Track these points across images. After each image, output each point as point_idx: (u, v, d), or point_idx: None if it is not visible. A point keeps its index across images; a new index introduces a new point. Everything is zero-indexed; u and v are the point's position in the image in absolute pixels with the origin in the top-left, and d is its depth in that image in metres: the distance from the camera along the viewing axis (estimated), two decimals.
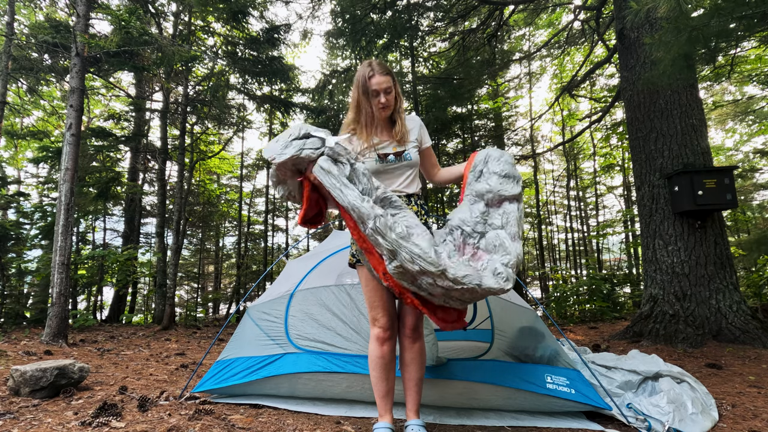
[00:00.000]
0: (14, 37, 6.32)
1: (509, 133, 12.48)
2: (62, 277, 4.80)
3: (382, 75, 1.91)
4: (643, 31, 4.85)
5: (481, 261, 1.60)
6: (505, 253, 1.60)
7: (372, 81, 1.90)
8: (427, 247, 1.52)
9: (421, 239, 1.55)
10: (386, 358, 1.87)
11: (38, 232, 8.25)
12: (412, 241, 1.53)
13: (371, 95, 1.91)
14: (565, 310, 8.44)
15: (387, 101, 1.93)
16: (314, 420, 2.18)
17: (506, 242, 1.61)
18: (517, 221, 1.66)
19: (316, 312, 2.74)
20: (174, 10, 8.61)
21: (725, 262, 4.41)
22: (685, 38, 3.36)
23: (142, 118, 10.66)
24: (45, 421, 2.05)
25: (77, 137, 5.05)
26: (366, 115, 1.94)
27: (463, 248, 1.67)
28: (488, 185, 1.75)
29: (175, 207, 8.58)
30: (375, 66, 1.92)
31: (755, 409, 2.40)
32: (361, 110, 1.94)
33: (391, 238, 1.54)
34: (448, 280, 1.52)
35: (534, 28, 11.08)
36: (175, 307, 8.45)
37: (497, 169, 1.78)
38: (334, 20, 8.19)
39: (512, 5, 7.62)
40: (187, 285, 13.68)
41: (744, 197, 10.78)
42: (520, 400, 2.27)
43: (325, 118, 9.02)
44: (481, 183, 1.78)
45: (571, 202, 14.67)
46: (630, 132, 5.19)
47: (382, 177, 1.97)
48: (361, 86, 1.92)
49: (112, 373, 3.33)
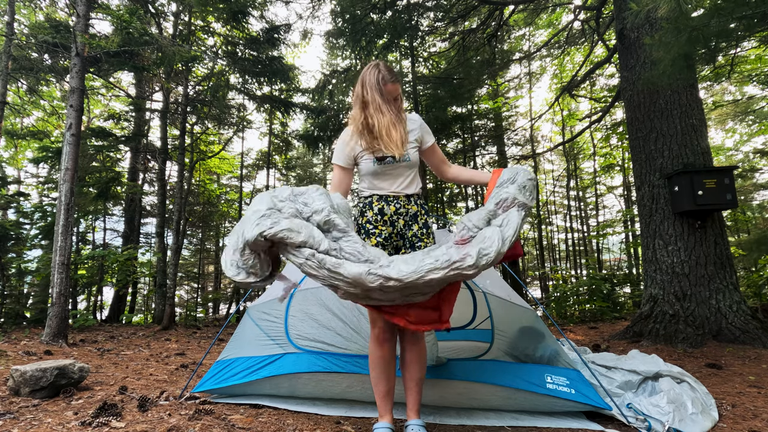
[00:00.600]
0: (14, 37, 6.32)
1: (509, 133, 12.48)
2: (62, 277, 4.80)
3: (394, 83, 1.93)
4: (643, 31, 4.85)
5: (464, 249, 1.62)
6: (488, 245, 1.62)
7: (387, 88, 1.91)
8: (356, 273, 1.54)
9: (350, 266, 1.56)
10: (386, 358, 1.87)
11: (38, 232, 8.26)
12: (341, 272, 1.55)
13: (387, 101, 1.92)
14: (565, 310, 8.44)
15: (395, 108, 1.95)
16: (314, 420, 2.18)
17: (495, 237, 1.64)
18: (515, 226, 1.68)
19: (316, 312, 2.74)
20: (174, 10, 8.61)
21: (725, 262, 4.41)
22: (685, 38, 3.37)
23: (142, 118, 10.66)
24: (45, 421, 2.05)
25: (77, 137, 5.05)
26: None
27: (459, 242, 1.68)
28: (507, 192, 1.80)
29: (175, 207, 8.58)
30: (386, 72, 1.92)
31: (755, 409, 2.40)
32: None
33: (324, 275, 1.58)
34: (393, 281, 1.54)
35: (534, 28, 11.08)
36: (175, 307, 8.45)
37: (520, 181, 1.84)
38: (334, 20, 8.19)
39: (512, 5, 7.62)
40: (187, 285, 13.69)
41: (744, 197, 10.78)
42: (520, 400, 2.27)
43: (325, 118, 9.02)
44: (502, 190, 1.83)
45: (571, 202, 14.68)
46: (630, 132, 5.19)
47: (381, 178, 1.97)
48: (377, 91, 1.90)
49: (112, 373, 3.33)
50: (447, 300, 1.78)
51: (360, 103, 1.94)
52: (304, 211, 1.64)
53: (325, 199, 1.67)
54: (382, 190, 1.98)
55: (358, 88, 1.95)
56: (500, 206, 1.77)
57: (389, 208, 1.95)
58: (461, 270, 1.57)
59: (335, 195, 1.78)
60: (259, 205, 1.62)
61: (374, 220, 1.94)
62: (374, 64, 1.95)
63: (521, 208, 1.76)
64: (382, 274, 1.54)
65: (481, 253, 1.60)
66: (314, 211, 1.63)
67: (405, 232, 1.96)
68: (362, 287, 1.56)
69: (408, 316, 1.70)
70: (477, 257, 1.58)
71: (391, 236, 1.95)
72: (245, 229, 1.57)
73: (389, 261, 1.60)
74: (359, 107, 1.94)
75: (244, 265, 1.58)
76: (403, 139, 1.92)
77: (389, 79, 1.91)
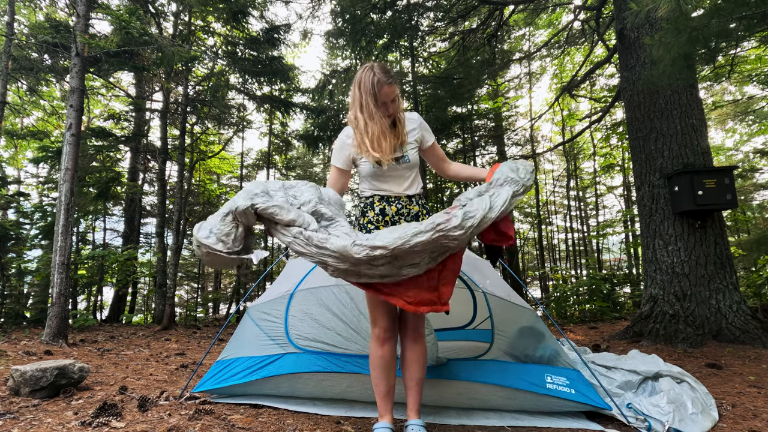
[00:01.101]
0: (14, 37, 6.32)
1: (509, 133, 12.48)
2: (62, 277, 4.80)
3: (390, 85, 1.86)
4: (643, 31, 4.85)
5: (450, 212, 1.64)
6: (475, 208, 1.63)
7: (382, 92, 1.85)
8: (341, 245, 1.55)
9: (335, 239, 1.58)
10: (387, 358, 1.87)
11: (38, 232, 8.26)
12: (328, 246, 1.56)
13: (381, 105, 1.87)
14: (565, 310, 8.44)
15: (392, 110, 1.91)
16: (314, 420, 2.18)
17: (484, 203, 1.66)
18: (505, 196, 1.71)
19: (316, 312, 2.74)
20: (174, 10, 8.62)
21: (725, 262, 4.41)
22: (685, 38, 3.37)
23: (142, 118, 10.66)
24: (45, 421, 2.05)
25: (77, 137, 5.05)
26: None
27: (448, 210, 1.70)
28: (500, 172, 1.83)
29: (175, 207, 8.58)
30: (383, 74, 1.86)
31: (755, 409, 2.40)
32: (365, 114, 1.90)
33: (312, 252, 1.60)
34: (380, 249, 1.54)
35: (534, 28, 11.08)
36: (175, 307, 8.45)
37: (513, 164, 1.86)
38: (334, 20, 8.20)
39: (512, 5, 7.62)
40: (187, 285, 13.68)
41: (744, 197, 10.78)
42: (520, 400, 2.27)
43: (325, 118, 9.02)
44: (496, 173, 1.85)
45: (571, 202, 14.68)
46: (630, 132, 5.19)
47: (381, 180, 1.96)
48: (371, 95, 1.85)
49: (112, 373, 3.33)
50: (446, 281, 1.76)
51: (356, 106, 1.91)
52: (294, 203, 1.68)
53: (313, 192, 1.71)
54: (383, 191, 1.98)
55: (354, 90, 1.92)
56: (493, 185, 1.80)
57: (391, 208, 1.95)
58: (446, 231, 1.57)
59: (327, 189, 1.82)
60: (253, 187, 1.67)
61: (375, 220, 1.94)
62: (369, 66, 1.89)
63: (512, 184, 1.78)
64: (368, 244, 1.54)
65: (467, 215, 1.61)
66: (302, 203, 1.67)
67: None
68: (350, 260, 1.56)
69: (406, 297, 1.68)
70: (462, 219, 1.59)
71: None
72: (237, 199, 1.61)
73: (375, 234, 1.62)
74: (354, 110, 1.92)
75: (218, 231, 1.59)
76: (393, 147, 1.90)
77: (385, 82, 1.85)
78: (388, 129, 1.89)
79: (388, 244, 1.53)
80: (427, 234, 1.56)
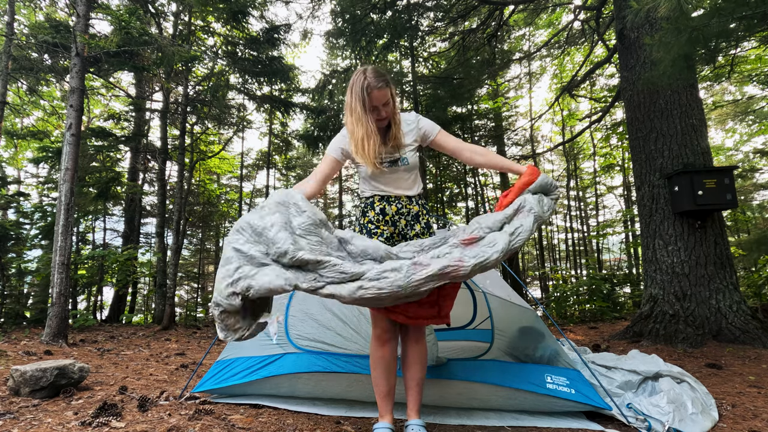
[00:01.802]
0: (14, 37, 6.32)
1: (509, 133, 12.49)
2: (62, 277, 4.80)
3: (381, 89, 1.81)
4: (643, 31, 4.85)
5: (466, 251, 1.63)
6: (488, 255, 1.62)
7: (371, 96, 1.81)
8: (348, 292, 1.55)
9: (338, 287, 1.56)
10: (387, 358, 1.87)
11: (38, 232, 8.26)
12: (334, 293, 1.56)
13: (369, 110, 1.83)
14: (565, 310, 8.44)
15: (386, 114, 1.88)
16: (314, 420, 2.18)
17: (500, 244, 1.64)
18: (524, 238, 1.70)
19: (316, 312, 2.74)
20: (174, 10, 8.62)
21: (725, 262, 4.41)
22: (685, 38, 3.37)
23: (142, 118, 10.66)
24: (45, 421, 2.05)
25: (77, 137, 5.05)
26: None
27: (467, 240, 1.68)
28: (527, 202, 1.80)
29: (175, 207, 8.58)
30: (372, 78, 1.81)
31: (755, 409, 2.40)
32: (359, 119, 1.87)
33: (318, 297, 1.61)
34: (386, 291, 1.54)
35: (534, 28, 11.08)
36: (175, 307, 8.45)
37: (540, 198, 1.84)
38: (334, 20, 8.19)
39: (512, 5, 7.62)
40: (187, 285, 13.69)
41: (744, 197, 10.78)
42: (520, 400, 2.27)
43: (325, 118, 9.02)
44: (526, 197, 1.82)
45: (571, 202, 14.68)
46: (630, 132, 5.19)
47: (380, 181, 1.96)
48: (360, 99, 1.82)
49: (112, 373, 3.33)
50: (447, 296, 1.78)
51: (347, 110, 1.90)
52: (271, 252, 1.56)
53: (286, 237, 1.55)
54: (382, 191, 1.98)
55: (347, 94, 1.90)
56: (518, 213, 1.78)
57: (391, 208, 1.95)
58: (455, 274, 1.58)
59: (297, 209, 1.64)
60: (227, 264, 1.56)
61: (376, 220, 1.95)
62: (361, 70, 1.86)
63: (536, 220, 1.76)
64: (374, 287, 1.55)
65: (477, 263, 1.60)
66: (279, 254, 1.55)
67: (407, 231, 1.96)
68: (357, 302, 1.58)
69: (407, 312, 1.71)
70: (472, 268, 1.59)
71: (393, 236, 1.95)
72: (216, 296, 1.55)
73: (378, 272, 1.56)
74: (346, 114, 1.91)
75: (225, 328, 1.57)
76: (382, 151, 1.89)
77: (375, 86, 1.80)
78: (375, 133, 1.85)
79: (393, 292, 1.54)
80: (434, 282, 1.58)
